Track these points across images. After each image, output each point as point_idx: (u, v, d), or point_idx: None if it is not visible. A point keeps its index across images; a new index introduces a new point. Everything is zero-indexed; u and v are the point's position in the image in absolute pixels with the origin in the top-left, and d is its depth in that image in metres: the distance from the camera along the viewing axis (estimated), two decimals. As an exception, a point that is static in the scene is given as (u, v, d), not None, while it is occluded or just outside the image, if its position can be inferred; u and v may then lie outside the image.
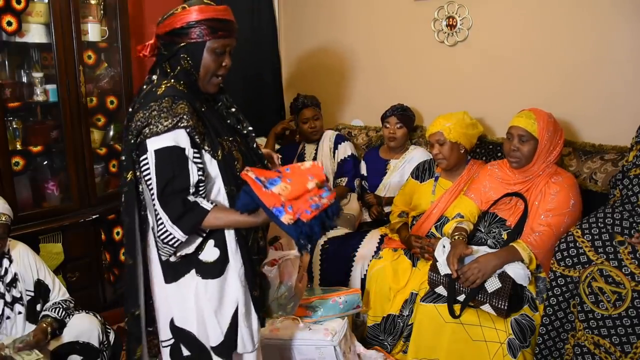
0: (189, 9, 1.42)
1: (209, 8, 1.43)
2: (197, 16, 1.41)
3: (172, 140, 1.37)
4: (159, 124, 1.35)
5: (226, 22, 1.45)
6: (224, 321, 1.52)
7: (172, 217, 1.36)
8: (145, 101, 1.42)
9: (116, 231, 2.81)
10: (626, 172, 1.99)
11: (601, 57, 2.39)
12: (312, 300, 2.10)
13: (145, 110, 1.38)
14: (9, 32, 2.30)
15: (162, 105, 1.37)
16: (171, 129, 1.36)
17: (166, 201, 1.37)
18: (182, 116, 1.37)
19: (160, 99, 1.39)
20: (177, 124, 1.36)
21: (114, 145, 2.86)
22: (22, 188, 2.47)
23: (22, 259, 1.91)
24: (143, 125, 1.37)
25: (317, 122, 3.01)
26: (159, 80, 1.48)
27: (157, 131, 1.35)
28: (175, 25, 1.42)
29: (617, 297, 1.75)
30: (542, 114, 2.10)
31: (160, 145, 1.37)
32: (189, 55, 1.45)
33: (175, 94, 1.41)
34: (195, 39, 1.42)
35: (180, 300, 1.51)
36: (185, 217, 1.37)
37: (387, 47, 3.18)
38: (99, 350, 1.96)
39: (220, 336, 1.51)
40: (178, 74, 1.48)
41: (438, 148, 2.38)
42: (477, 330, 1.96)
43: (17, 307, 1.87)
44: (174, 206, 1.36)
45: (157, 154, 1.37)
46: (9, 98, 2.38)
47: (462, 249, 2.01)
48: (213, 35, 1.42)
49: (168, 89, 1.42)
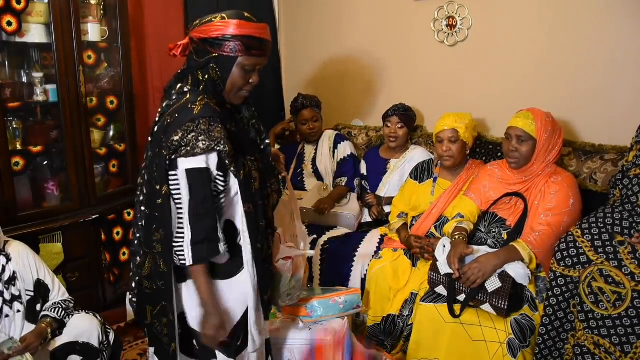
0: (228, 22, 1.41)
1: (248, 25, 1.43)
2: (234, 31, 1.41)
3: (204, 162, 1.41)
4: (196, 147, 1.38)
5: (262, 41, 1.45)
6: (231, 321, 1.56)
7: (194, 238, 1.41)
8: (180, 118, 1.42)
9: (116, 231, 2.81)
10: (626, 172, 1.99)
11: (601, 57, 2.39)
12: (312, 300, 2.09)
13: (183, 131, 1.39)
14: (9, 32, 2.31)
15: (200, 128, 1.39)
16: (207, 152, 1.40)
17: (198, 221, 1.41)
18: (220, 141, 1.40)
19: (198, 119, 1.40)
20: (213, 148, 1.40)
21: (114, 145, 2.86)
22: (22, 188, 2.47)
23: (21, 259, 1.91)
24: (180, 145, 1.39)
25: (316, 124, 3.01)
26: (193, 94, 1.47)
27: (193, 153, 1.39)
28: (210, 35, 1.42)
29: (617, 297, 1.75)
30: (540, 114, 2.10)
31: (192, 166, 1.40)
32: (218, 67, 1.45)
33: (211, 116, 1.42)
34: (227, 53, 1.43)
35: (188, 299, 1.55)
36: (203, 246, 1.42)
37: (387, 47, 3.18)
38: (98, 350, 1.95)
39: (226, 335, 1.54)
40: (207, 84, 1.48)
41: (448, 145, 2.38)
42: (477, 330, 1.96)
43: (16, 306, 1.87)
44: (203, 229, 1.41)
45: (188, 173, 1.41)
46: (9, 98, 2.38)
47: (462, 249, 2.01)
48: (246, 53, 1.43)
49: (204, 108, 1.43)
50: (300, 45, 3.66)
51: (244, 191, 1.49)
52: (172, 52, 1.52)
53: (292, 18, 3.68)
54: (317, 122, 3.01)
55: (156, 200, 1.47)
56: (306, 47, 3.62)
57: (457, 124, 2.38)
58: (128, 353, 2.45)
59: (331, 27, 3.44)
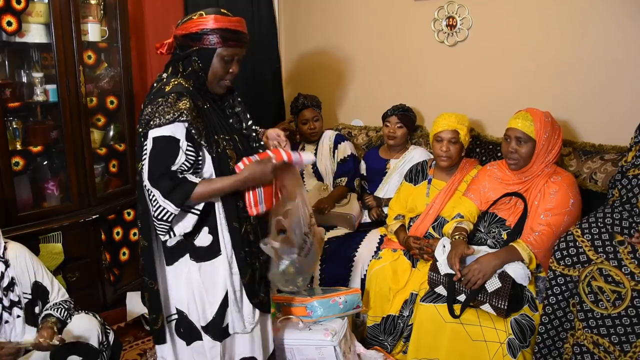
0: (206, 17, 1.55)
1: (224, 19, 1.56)
2: (212, 25, 1.54)
3: (170, 131, 1.50)
4: (162, 117, 1.50)
5: (238, 33, 1.59)
6: (214, 303, 1.66)
7: (163, 192, 1.49)
8: (154, 97, 1.55)
9: (116, 231, 2.81)
10: (625, 172, 1.99)
11: (601, 57, 2.39)
12: (312, 300, 2.10)
13: (153, 105, 1.52)
14: (9, 32, 2.30)
15: (168, 101, 1.51)
16: (172, 122, 1.50)
17: (156, 180, 1.50)
18: (183, 111, 1.50)
19: (167, 95, 1.52)
20: (177, 117, 1.50)
21: (114, 145, 2.86)
22: (22, 188, 2.47)
23: (18, 262, 1.88)
24: (150, 118, 1.51)
25: (317, 124, 3.01)
26: (169, 78, 1.61)
27: (159, 123, 1.50)
28: (191, 30, 1.56)
29: (617, 297, 1.75)
30: (539, 114, 2.09)
31: (159, 134, 1.51)
32: (200, 59, 1.58)
33: (180, 91, 1.54)
34: (207, 45, 1.56)
35: (175, 282, 1.68)
36: (175, 191, 1.49)
37: (387, 46, 3.18)
38: (98, 350, 1.94)
39: (209, 317, 1.66)
40: (189, 73, 1.61)
41: (448, 146, 2.38)
42: (477, 330, 1.96)
43: (15, 311, 1.86)
44: (163, 182, 1.49)
45: (154, 141, 1.51)
46: (9, 98, 2.38)
47: (463, 249, 2.01)
48: (224, 44, 1.56)
49: (175, 86, 1.56)
50: (300, 45, 3.66)
51: (218, 168, 1.59)
52: (159, 50, 1.66)
53: (292, 18, 3.68)
54: (318, 122, 3.01)
55: (137, 177, 1.60)
56: (306, 47, 3.62)
57: (459, 125, 2.38)
58: (128, 353, 2.45)
59: (331, 27, 3.44)
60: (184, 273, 1.65)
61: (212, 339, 1.68)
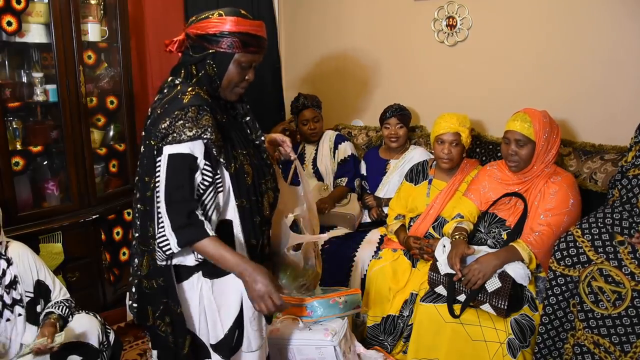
0: (225, 18, 1.43)
1: (245, 22, 1.44)
2: (231, 27, 1.42)
3: (188, 149, 1.39)
4: (182, 134, 1.37)
5: (258, 39, 1.47)
6: (227, 321, 1.53)
7: (174, 224, 1.38)
8: (170, 108, 1.41)
9: (116, 231, 2.81)
10: (625, 172, 1.99)
11: (601, 57, 2.39)
12: (312, 300, 2.09)
13: (171, 119, 1.39)
14: (9, 32, 2.30)
15: (188, 115, 1.38)
16: (193, 139, 1.38)
17: (173, 208, 1.38)
18: (207, 128, 1.39)
19: (186, 107, 1.39)
20: (200, 135, 1.38)
21: (114, 145, 2.86)
22: (22, 188, 2.47)
23: (21, 261, 1.89)
24: (167, 133, 1.38)
25: (317, 124, 3.01)
26: (184, 85, 1.47)
27: (179, 140, 1.37)
28: (208, 31, 1.43)
29: (617, 297, 1.75)
30: (537, 115, 2.09)
31: (176, 151, 1.38)
32: (215, 63, 1.46)
33: (200, 104, 1.41)
34: (224, 49, 1.44)
35: (184, 299, 1.52)
36: (185, 230, 1.38)
37: (387, 47, 3.18)
38: (98, 350, 1.95)
39: (221, 335, 1.53)
40: (202, 78, 1.48)
41: (449, 148, 2.38)
42: (477, 330, 1.96)
43: (17, 309, 1.86)
44: (180, 215, 1.38)
45: (170, 158, 1.39)
46: (9, 98, 2.38)
47: (463, 249, 2.01)
48: (243, 49, 1.44)
49: (193, 97, 1.42)
50: (300, 45, 3.66)
51: (236, 185, 1.48)
52: (168, 47, 1.52)
53: (292, 18, 3.68)
54: (318, 122, 3.01)
55: (147, 193, 1.46)
56: (306, 47, 3.62)
57: (461, 127, 2.37)
58: (128, 353, 2.45)
59: (331, 27, 3.44)
60: (196, 291, 1.52)
61: (221, 358, 1.55)
